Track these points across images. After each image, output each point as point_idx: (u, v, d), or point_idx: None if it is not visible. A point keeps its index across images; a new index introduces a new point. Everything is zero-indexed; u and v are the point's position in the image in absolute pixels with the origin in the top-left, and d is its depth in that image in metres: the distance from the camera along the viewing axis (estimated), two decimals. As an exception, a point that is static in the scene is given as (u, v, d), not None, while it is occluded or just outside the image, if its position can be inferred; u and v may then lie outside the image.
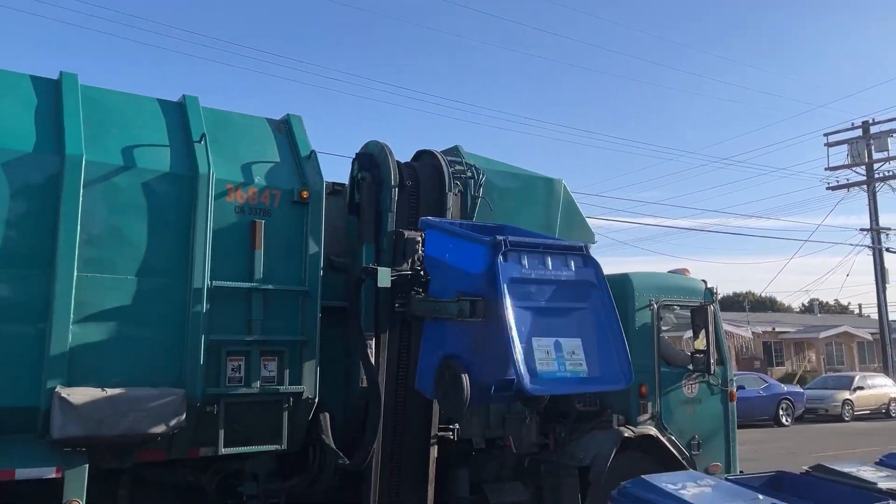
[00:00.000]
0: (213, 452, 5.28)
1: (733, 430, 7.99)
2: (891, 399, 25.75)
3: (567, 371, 4.24)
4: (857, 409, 24.52)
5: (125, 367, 4.96)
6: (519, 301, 4.21)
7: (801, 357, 39.67)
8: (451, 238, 4.84)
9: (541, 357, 4.17)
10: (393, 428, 6.07)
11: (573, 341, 4.37)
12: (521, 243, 4.46)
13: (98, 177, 5.01)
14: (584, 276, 4.57)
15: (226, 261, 5.36)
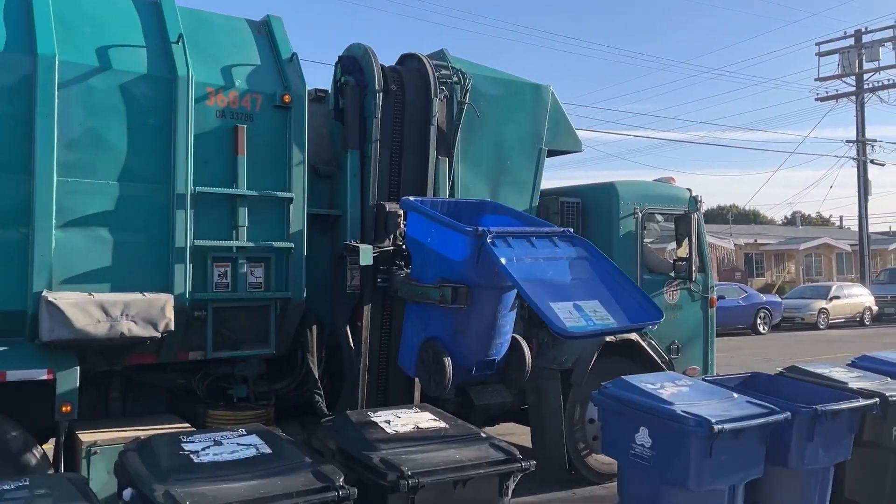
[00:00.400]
0: (202, 356, 5.37)
1: (712, 335, 8.23)
2: (865, 308, 26.45)
3: (597, 324, 4.22)
4: (832, 318, 25.21)
5: (111, 272, 4.97)
6: (524, 274, 4.21)
7: (781, 268, 40.39)
8: (433, 223, 4.77)
9: (565, 316, 4.08)
10: (380, 333, 6.19)
11: (591, 302, 4.34)
12: (504, 232, 4.46)
13: (73, 78, 4.85)
14: (577, 253, 4.64)
15: (208, 167, 5.29)
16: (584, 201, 7.85)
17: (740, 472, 4.41)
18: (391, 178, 6.24)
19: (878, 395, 5.07)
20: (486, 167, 7.06)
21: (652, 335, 7.67)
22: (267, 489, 2.87)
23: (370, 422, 3.69)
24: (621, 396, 4.68)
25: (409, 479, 3.12)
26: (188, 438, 3.25)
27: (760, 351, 17.65)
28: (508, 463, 3.44)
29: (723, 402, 4.62)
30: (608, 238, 7.66)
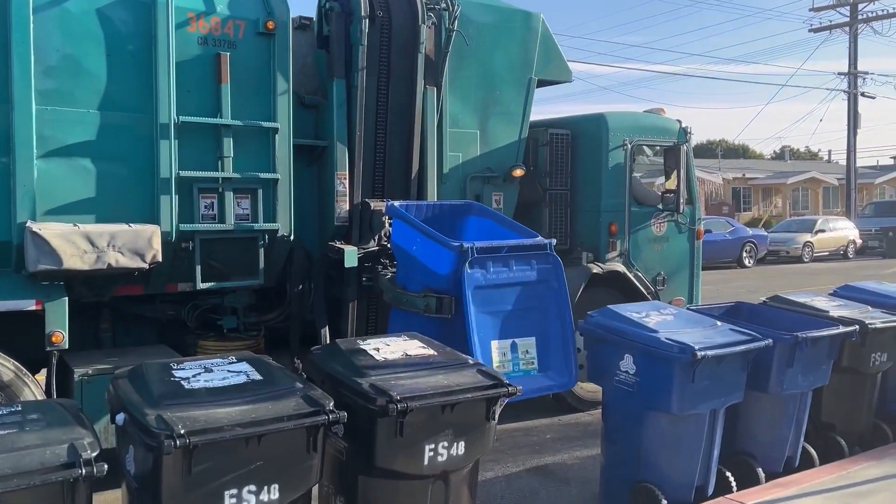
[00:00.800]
0: (191, 288, 5.39)
1: (698, 267, 8.33)
2: (849, 241, 26.76)
3: (520, 370, 4.54)
4: (816, 251, 25.52)
5: (95, 203, 4.94)
6: (481, 307, 4.33)
7: (769, 202, 40.61)
8: (418, 233, 4.73)
9: (497, 360, 4.44)
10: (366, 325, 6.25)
11: (528, 340, 4.64)
12: (487, 249, 4.42)
13: (48, 2, 4.72)
14: (545, 275, 4.66)
15: (191, 96, 5.21)
16: (573, 133, 7.79)
17: (721, 397, 4.53)
18: (378, 108, 6.16)
19: (858, 323, 5.17)
20: (474, 97, 6.97)
21: (638, 267, 7.76)
22: (258, 413, 2.92)
23: (359, 349, 3.73)
24: (607, 325, 4.75)
25: (398, 403, 3.18)
26: (179, 366, 3.28)
27: (745, 283, 17.90)
28: (495, 388, 3.50)
29: (706, 330, 4.70)
30: (597, 170, 7.65)
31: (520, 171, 7.26)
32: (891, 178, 45.60)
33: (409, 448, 3.32)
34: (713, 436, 4.55)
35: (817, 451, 5.23)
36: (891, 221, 27.37)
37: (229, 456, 2.83)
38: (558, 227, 7.76)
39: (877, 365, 5.43)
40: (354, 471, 3.40)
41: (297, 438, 3.00)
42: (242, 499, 2.87)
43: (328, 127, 6.03)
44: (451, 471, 3.49)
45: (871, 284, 6.41)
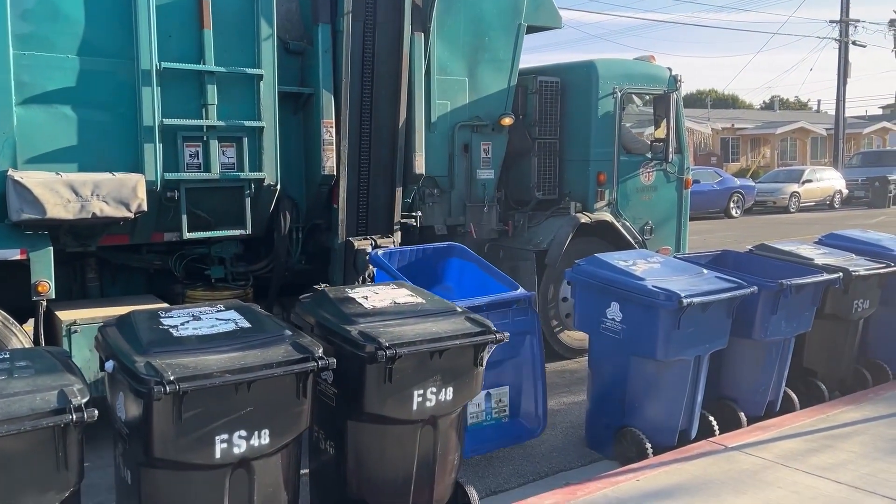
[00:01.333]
0: (177, 238, 5.37)
1: (685, 216, 8.34)
2: (835, 191, 26.89)
3: (492, 420, 4.62)
4: (803, 201, 25.65)
5: (77, 151, 4.86)
6: None
7: (757, 153, 40.58)
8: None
9: (472, 411, 4.52)
10: (357, 212, 6.20)
11: (502, 389, 4.68)
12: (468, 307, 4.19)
13: None
14: (522, 326, 4.60)
15: (173, 41, 5.09)
16: (563, 80, 7.71)
17: (706, 344, 4.59)
18: (364, 55, 6.04)
19: (842, 270, 5.23)
20: (463, 44, 6.86)
21: (626, 216, 7.78)
22: (247, 360, 2.93)
23: (348, 297, 3.74)
24: (594, 273, 4.78)
25: (387, 349, 3.20)
26: (167, 314, 3.28)
27: (732, 234, 18.01)
28: (483, 335, 3.53)
29: (693, 277, 4.74)
30: (586, 118, 7.60)
31: (509, 120, 7.19)
32: (879, 127, 45.61)
33: (397, 394, 3.35)
34: (697, 381, 4.63)
35: (799, 395, 5.34)
36: (877, 171, 27.47)
37: (219, 402, 2.85)
38: (546, 176, 7.73)
39: (859, 312, 5.51)
40: (344, 416, 3.44)
41: (286, 385, 3.02)
42: (233, 444, 2.90)
43: (313, 74, 5.92)
44: (440, 416, 3.53)
45: (856, 233, 6.47)
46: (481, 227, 7.21)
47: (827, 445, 4.53)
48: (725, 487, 3.97)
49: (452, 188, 7.06)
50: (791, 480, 4.04)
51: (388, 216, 6.35)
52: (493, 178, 7.28)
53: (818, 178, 26.73)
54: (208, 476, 2.92)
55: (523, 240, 7.41)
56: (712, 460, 4.34)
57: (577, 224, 7.30)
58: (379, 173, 6.25)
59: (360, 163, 6.14)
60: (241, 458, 2.95)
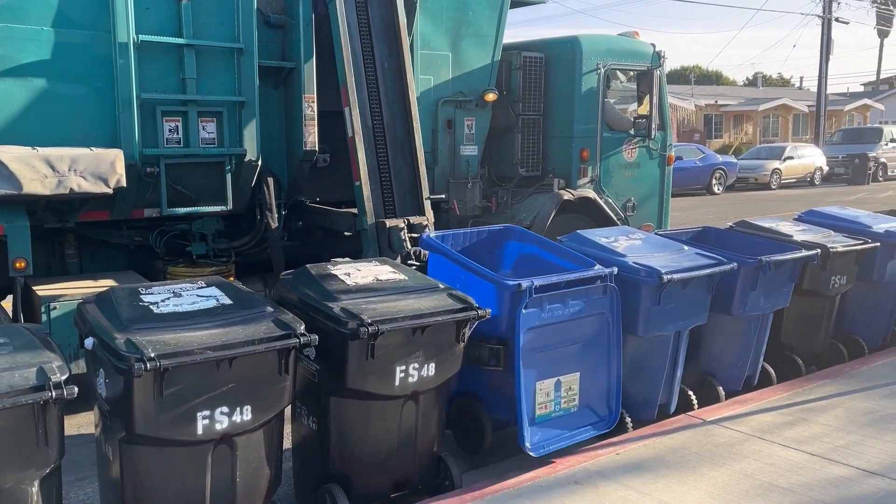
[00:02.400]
0: (157, 214, 5.34)
1: (667, 193, 8.40)
2: (816, 168, 27.10)
3: (560, 410, 4.14)
4: (784, 178, 25.83)
5: (53, 126, 4.81)
6: (530, 348, 3.91)
7: (740, 129, 40.73)
8: (462, 270, 4.13)
9: (541, 401, 4.06)
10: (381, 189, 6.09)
11: (573, 376, 4.19)
12: (546, 286, 3.91)
13: None
14: (600, 306, 4.16)
15: (150, 14, 5.04)
16: (547, 56, 7.69)
17: (686, 319, 4.64)
18: (361, 25, 5.96)
19: (820, 247, 5.29)
20: (446, 18, 6.81)
21: (609, 193, 7.81)
22: (229, 336, 2.93)
23: (330, 274, 3.73)
24: (576, 249, 4.79)
25: (369, 326, 3.20)
26: (147, 290, 3.26)
27: (713, 210, 18.12)
28: (465, 311, 3.54)
29: (673, 254, 4.77)
30: (570, 94, 7.60)
31: (492, 96, 7.16)
32: (860, 104, 45.88)
33: (380, 370, 3.37)
34: (677, 356, 4.69)
35: (776, 370, 5.42)
36: (857, 148, 27.70)
37: (201, 378, 2.85)
38: (530, 153, 7.74)
39: (836, 287, 5.59)
40: (326, 392, 3.45)
41: (268, 361, 3.03)
42: (215, 420, 2.91)
43: (295, 48, 5.86)
44: (422, 391, 3.56)
45: (835, 210, 6.53)
46: (464, 204, 7.21)
47: (802, 419, 4.62)
48: (703, 460, 4.04)
49: (436, 164, 7.04)
50: (767, 453, 4.12)
51: (413, 193, 6.10)
52: (476, 155, 7.26)
53: (799, 154, 26.90)
54: (190, 452, 2.93)
55: (507, 216, 7.43)
56: (691, 434, 4.41)
57: (560, 201, 7.33)
58: (396, 149, 6.05)
59: (375, 138, 5.94)
60: (223, 434, 2.96)
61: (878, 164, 27.47)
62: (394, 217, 5.82)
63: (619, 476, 3.85)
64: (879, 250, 5.75)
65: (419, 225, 5.75)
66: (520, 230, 4.99)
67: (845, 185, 26.12)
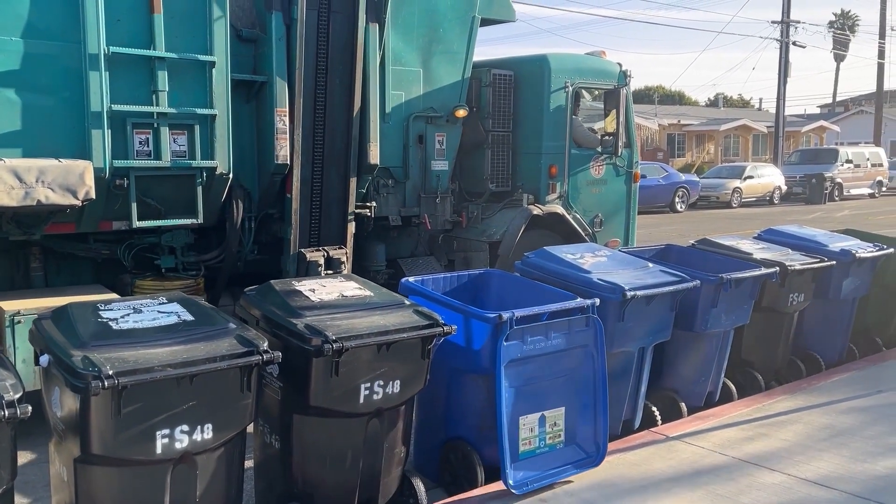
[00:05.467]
0: (126, 226, 5.28)
1: (634, 209, 8.56)
2: (775, 187, 27.74)
3: (546, 446, 4.04)
4: (745, 197, 26.40)
5: (21, 137, 4.74)
6: (513, 382, 3.83)
7: (702, 149, 41.54)
8: (443, 308, 3.98)
9: (525, 437, 3.96)
10: (310, 202, 6.16)
11: (557, 411, 4.09)
12: (527, 317, 3.83)
13: None
14: (583, 339, 4.08)
15: (122, 25, 5.01)
16: (516, 74, 7.81)
17: (650, 336, 4.69)
18: (318, 44, 6.01)
19: (779, 265, 5.40)
20: (417, 35, 6.89)
21: (577, 209, 7.92)
22: (190, 354, 2.87)
23: (295, 290, 3.69)
24: (542, 266, 4.83)
25: (334, 343, 3.17)
26: (106, 306, 3.18)
27: (676, 227, 18.42)
28: (431, 327, 3.53)
29: (637, 271, 4.83)
30: (538, 111, 7.72)
31: (463, 112, 7.24)
32: (817, 126, 47.18)
33: (344, 387, 3.34)
34: (641, 373, 4.73)
35: (736, 386, 5.50)
36: (814, 169, 28.44)
37: (160, 397, 2.79)
38: (500, 168, 7.82)
39: (794, 305, 5.71)
40: (289, 410, 3.41)
41: (230, 378, 2.98)
42: (175, 439, 2.84)
43: (267, 62, 5.87)
44: (387, 408, 3.53)
45: (793, 228, 6.69)
46: (435, 218, 7.29)
47: (762, 434, 4.69)
48: (666, 476, 4.07)
49: (407, 179, 7.10)
50: (728, 468, 4.17)
51: (341, 207, 6.31)
52: (447, 170, 7.34)
53: (759, 174, 27.52)
54: (149, 471, 2.86)
55: (477, 231, 7.50)
56: (654, 450, 4.45)
57: (530, 216, 7.41)
58: (332, 163, 6.22)
59: (314, 152, 6.10)
60: (182, 453, 2.90)
61: (834, 184, 28.22)
62: (317, 249, 6.11)
63: (584, 493, 3.86)
64: (835, 268, 5.89)
65: (336, 260, 6.07)
66: (500, 273, 4.95)
67: (803, 205, 26.76)
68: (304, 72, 5.85)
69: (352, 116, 6.19)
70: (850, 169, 29.42)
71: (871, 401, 5.33)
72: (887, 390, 5.54)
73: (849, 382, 5.76)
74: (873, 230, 7.51)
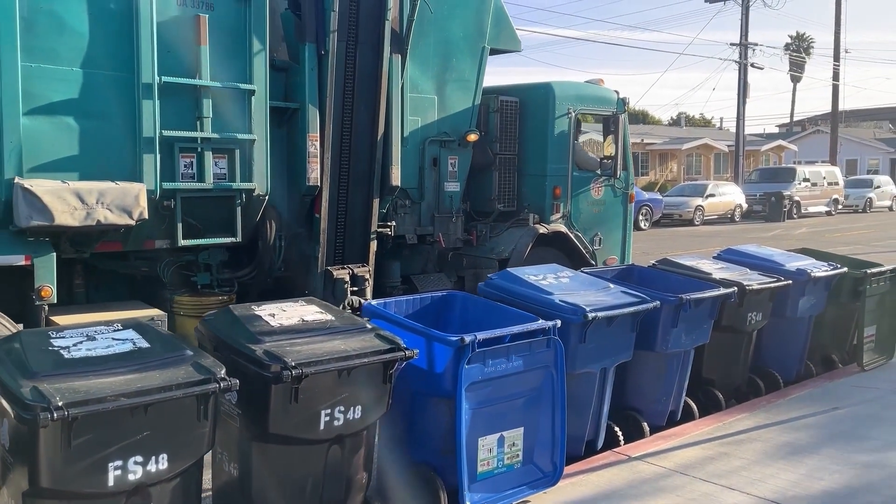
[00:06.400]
0: (168, 245, 5.57)
1: (629, 228, 8.99)
2: (736, 206, 28.31)
3: (504, 466, 4.04)
4: (707, 215, 26.87)
5: (80, 160, 5.03)
6: (473, 404, 3.83)
7: (665, 167, 42.24)
8: (405, 332, 3.95)
9: (483, 457, 3.96)
10: (336, 221, 6.51)
11: (516, 431, 4.08)
12: (489, 340, 3.80)
13: None
14: (544, 360, 4.09)
15: (171, 56, 5.32)
16: (521, 100, 8.26)
17: (612, 357, 4.73)
18: (346, 72, 6.37)
19: (737, 285, 5.49)
20: (433, 65, 7.32)
21: (578, 227, 8.32)
22: (144, 382, 2.81)
23: (254, 315, 3.65)
24: (505, 287, 4.84)
25: (293, 369, 3.14)
26: (58, 334, 3.11)
27: (640, 245, 18.57)
28: (393, 352, 3.51)
29: (599, 292, 4.88)
30: (543, 136, 8.18)
31: (474, 136, 7.65)
32: (775, 145, 48.32)
33: (304, 413, 3.30)
34: (603, 393, 4.76)
35: (697, 404, 5.57)
36: (773, 187, 29.11)
37: (113, 427, 2.72)
38: (506, 189, 8.25)
39: (753, 324, 5.81)
40: (248, 437, 3.36)
41: (186, 407, 2.92)
42: (128, 470, 2.78)
43: (299, 90, 6.25)
44: (348, 434, 3.50)
45: (751, 248, 6.82)
46: (448, 237, 7.65)
47: (723, 453, 4.74)
48: (628, 497, 4.09)
49: (422, 199, 7.50)
50: (689, 488, 4.20)
51: (364, 226, 6.67)
52: (459, 191, 7.76)
53: (720, 192, 28.07)
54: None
55: (486, 249, 7.90)
56: (617, 470, 4.47)
57: (537, 234, 7.83)
58: (357, 184, 6.59)
59: (340, 174, 6.46)
60: (136, 485, 2.83)
61: (792, 202, 28.90)
62: (341, 258, 6.43)
63: (546, 515, 3.86)
64: (791, 288, 6.02)
65: (361, 277, 6.38)
66: (463, 295, 4.97)
67: (763, 222, 27.33)
68: (334, 99, 6.24)
69: (376, 140, 6.56)
70: (808, 187, 30.17)
71: (828, 417, 5.43)
72: (843, 407, 5.66)
73: (806, 400, 5.87)
74: (830, 248, 7.73)
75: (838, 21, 36.76)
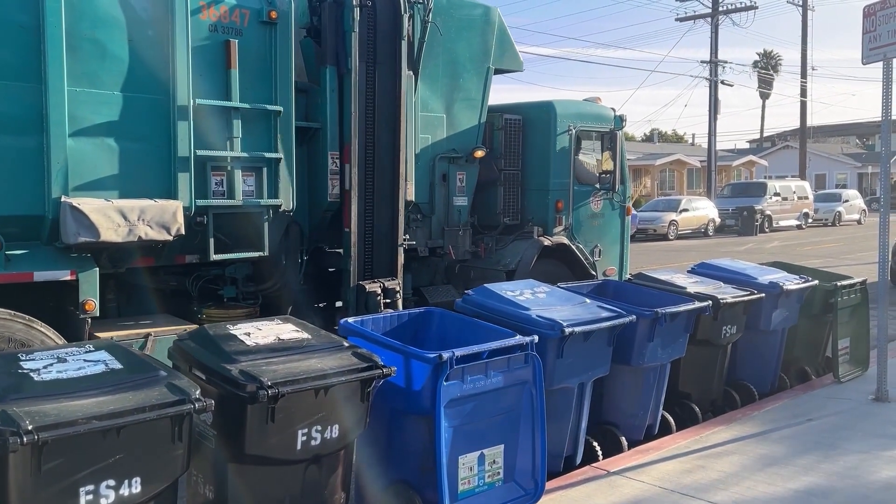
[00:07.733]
0: (197, 259, 5.79)
1: (626, 240, 9.26)
2: (709, 220, 28.68)
3: (485, 484, 4.03)
4: (681, 229, 27.18)
5: (120, 179, 5.24)
6: (452, 421, 3.82)
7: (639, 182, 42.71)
8: (383, 349, 3.93)
9: (463, 476, 3.95)
10: (363, 236, 6.67)
11: (496, 449, 4.07)
12: (467, 356, 3.79)
13: None
14: (522, 376, 4.09)
15: (204, 80, 5.54)
16: (524, 118, 8.52)
17: (589, 371, 4.74)
18: (367, 92, 6.58)
19: (712, 299, 5.55)
20: (441, 84, 7.55)
21: (579, 240, 8.59)
22: (117, 404, 2.76)
23: (229, 335, 3.61)
24: (482, 303, 4.85)
25: (269, 388, 3.10)
26: (28, 356, 3.04)
27: (616, 260, 18.76)
28: (370, 370, 3.49)
29: (576, 307, 4.90)
30: (545, 152, 8.44)
31: (481, 153, 7.89)
32: (746, 160, 49.15)
33: (280, 434, 3.26)
34: (581, 408, 4.77)
35: (675, 418, 5.60)
36: (745, 201, 29.55)
37: (85, 451, 2.67)
38: (511, 203, 8.49)
39: (727, 337, 5.87)
40: (224, 459, 3.31)
41: (160, 429, 2.87)
42: (100, 495, 2.72)
43: (320, 110, 6.50)
44: (325, 454, 3.46)
45: (725, 262, 6.91)
46: (457, 249, 7.85)
47: (700, 466, 4.77)
48: (607, 512, 4.08)
49: (433, 213, 7.73)
50: (668, 501, 4.21)
51: (391, 239, 6.85)
52: (467, 205, 8.00)
53: (694, 207, 28.43)
54: (72, 531, 2.72)
55: (492, 261, 8.09)
56: (595, 486, 4.47)
57: (541, 246, 8.06)
58: (382, 199, 6.79)
59: (366, 189, 6.66)
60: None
61: (764, 217, 29.36)
62: (371, 273, 6.65)
63: (526, 532, 3.84)
64: (765, 301, 6.09)
65: (391, 290, 6.58)
66: (440, 312, 4.95)
67: (736, 236, 27.70)
68: (357, 116, 6.42)
69: (397, 156, 6.75)
70: (779, 202, 30.67)
71: (803, 429, 5.49)
72: (817, 418, 5.72)
73: (781, 412, 5.93)
74: (802, 261, 7.85)
75: (805, 39, 37.62)
